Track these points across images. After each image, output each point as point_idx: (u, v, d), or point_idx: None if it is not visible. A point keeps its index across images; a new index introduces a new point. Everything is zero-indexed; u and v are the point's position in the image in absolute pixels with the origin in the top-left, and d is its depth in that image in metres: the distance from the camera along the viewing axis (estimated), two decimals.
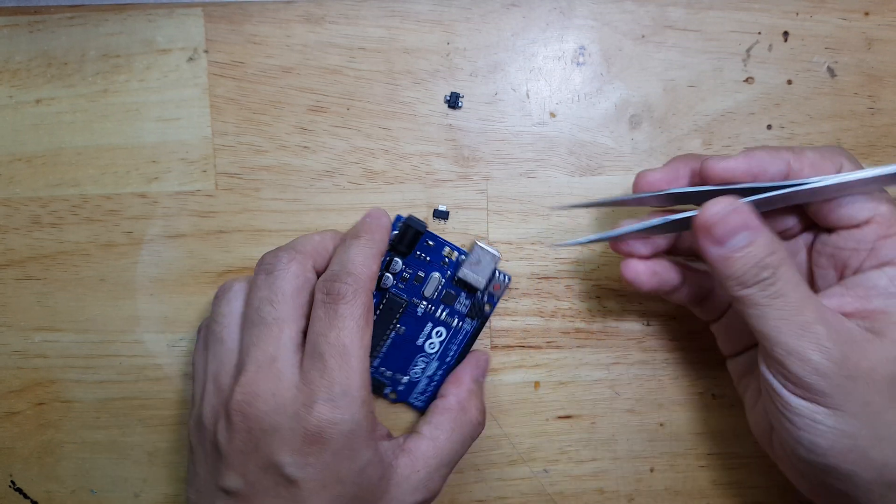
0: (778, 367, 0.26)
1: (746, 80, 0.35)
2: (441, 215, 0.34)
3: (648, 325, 0.35)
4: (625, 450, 0.36)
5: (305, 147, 0.35)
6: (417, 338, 0.34)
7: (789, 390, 0.26)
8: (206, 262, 0.35)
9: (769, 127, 0.35)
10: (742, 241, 0.26)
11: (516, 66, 0.35)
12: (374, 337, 0.32)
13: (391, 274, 0.33)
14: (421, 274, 0.34)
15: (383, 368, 0.34)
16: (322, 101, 0.35)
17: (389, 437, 0.30)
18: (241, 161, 0.35)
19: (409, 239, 0.33)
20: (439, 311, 0.34)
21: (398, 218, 0.34)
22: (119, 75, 0.34)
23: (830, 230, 0.29)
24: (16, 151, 0.35)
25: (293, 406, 0.27)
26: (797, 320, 0.25)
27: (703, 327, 0.35)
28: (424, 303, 0.34)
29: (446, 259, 0.34)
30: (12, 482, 0.36)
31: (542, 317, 0.35)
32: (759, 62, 0.34)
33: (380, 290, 0.33)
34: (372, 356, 0.33)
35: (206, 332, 0.31)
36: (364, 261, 0.29)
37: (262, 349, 0.28)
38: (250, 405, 0.28)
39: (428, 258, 0.34)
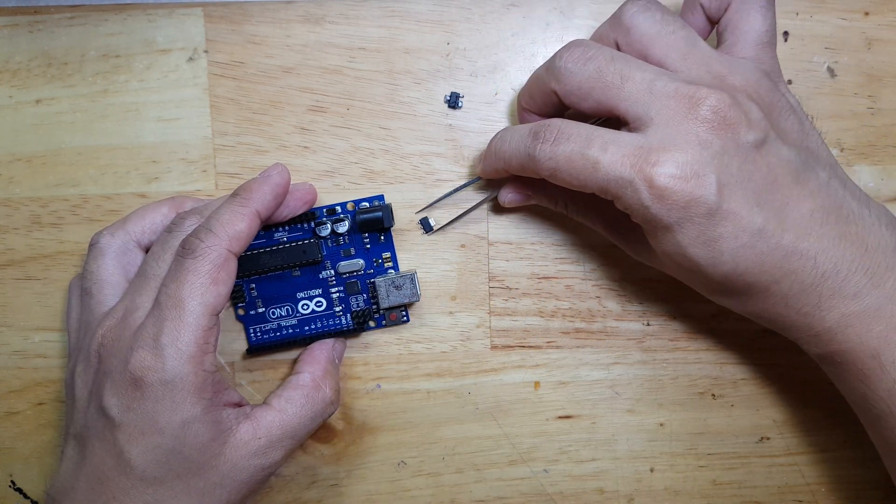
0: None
1: None
2: (426, 227, 0.34)
3: (648, 325, 0.35)
4: (625, 450, 0.36)
5: (305, 147, 0.35)
6: (301, 291, 0.34)
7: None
8: None
9: None
10: (531, 202, 0.33)
11: (516, 66, 0.35)
12: (274, 259, 0.32)
13: (333, 229, 0.33)
14: (352, 251, 0.34)
15: (254, 286, 0.34)
16: (322, 101, 0.35)
17: (240, 405, 0.30)
18: (241, 161, 0.35)
19: (371, 222, 0.33)
20: (336, 289, 0.34)
21: (379, 198, 0.34)
22: (119, 75, 0.34)
23: None
24: (16, 151, 0.35)
25: (124, 350, 0.28)
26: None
27: (704, 327, 0.35)
28: (332, 273, 0.34)
29: (380, 260, 0.34)
30: (12, 482, 0.36)
31: (542, 317, 0.35)
32: None
33: (313, 232, 0.33)
34: (257, 274, 0.33)
35: (77, 286, 0.32)
36: (229, 219, 0.29)
37: (131, 298, 0.29)
38: (103, 346, 0.29)
39: (368, 245, 0.34)
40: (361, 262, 0.34)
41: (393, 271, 0.34)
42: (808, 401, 0.36)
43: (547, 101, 0.30)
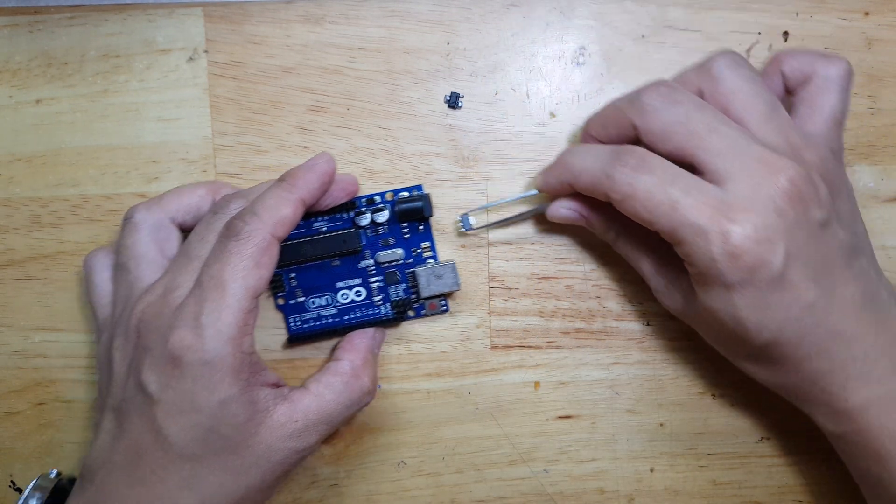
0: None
1: None
2: (466, 225, 0.34)
3: (648, 325, 0.35)
4: (625, 450, 0.36)
5: (305, 147, 0.35)
6: (340, 281, 0.34)
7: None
8: None
9: None
10: (581, 224, 0.33)
11: (516, 66, 0.35)
12: (314, 248, 0.33)
13: (373, 218, 0.33)
14: (391, 240, 0.34)
15: (294, 275, 0.34)
16: (322, 101, 0.35)
17: (277, 386, 0.30)
18: (241, 161, 0.35)
19: (411, 212, 0.33)
20: (375, 279, 0.34)
21: (418, 188, 0.34)
22: (119, 75, 0.34)
23: None
24: (16, 151, 0.35)
25: (164, 328, 0.28)
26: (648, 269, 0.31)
27: None
28: (371, 262, 0.34)
29: (419, 250, 0.34)
30: (12, 482, 0.36)
31: (542, 317, 0.35)
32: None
33: (352, 222, 0.34)
34: (297, 264, 0.33)
35: (99, 261, 0.32)
36: (274, 204, 0.29)
37: (172, 276, 0.29)
38: (143, 322, 0.29)
39: (407, 235, 0.34)
40: (401, 251, 0.34)
41: (432, 261, 0.34)
42: None
43: (622, 133, 0.30)
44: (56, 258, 0.35)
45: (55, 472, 0.31)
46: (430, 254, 0.34)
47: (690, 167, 0.28)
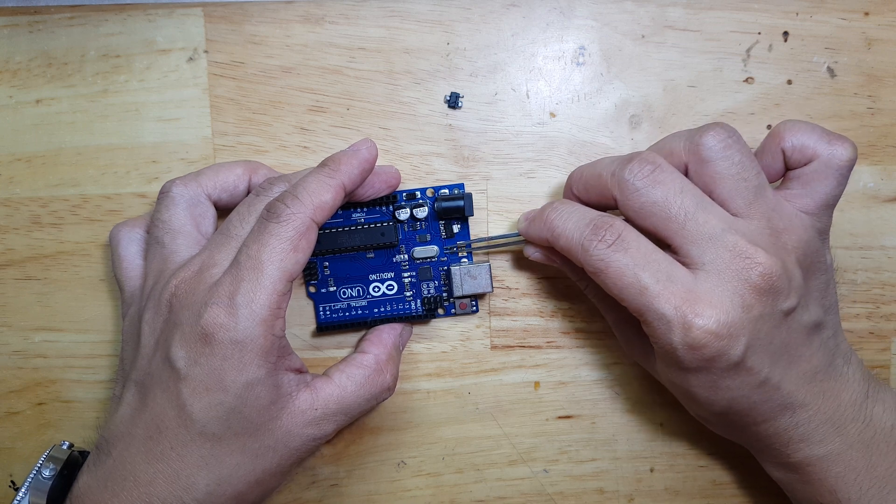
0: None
1: (746, 80, 0.35)
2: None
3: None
4: (625, 450, 0.36)
5: (305, 147, 0.35)
6: (373, 273, 0.34)
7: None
8: None
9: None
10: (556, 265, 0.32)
11: (516, 66, 0.35)
12: (350, 239, 0.33)
13: (412, 213, 0.33)
14: (427, 237, 0.34)
15: (328, 264, 0.34)
16: (322, 101, 0.35)
17: (300, 372, 0.30)
18: None
19: (452, 210, 0.33)
20: (408, 274, 0.34)
21: (459, 186, 0.34)
22: (119, 75, 0.34)
23: None
24: (16, 151, 0.35)
25: (197, 304, 0.28)
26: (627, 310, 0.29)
27: None
28: (405, 257, 0.34)
29: (454, 248, 0.34)
30: (12, 482, 0.36)
31: (542, 317, 0.35)
32: (759, 62, 0.34)
33: (392, 216, 0.34)
34: (331, 253, 0.33)
35: (150, 228, 0.32)
36: (316, 189, 0.29)
37: (210, 254, 0.29)
38: (176, 296, 0.29)
39: (444, 234, 0.34)
40: (436, 248, 0.34)
41: (467, 260, 0.34)
42: None
43: (602, 201, 0.30)
44: (56, 258, 0.35)
45: (67, 443, 0.31)
46: (464, 253, 0.34)
47: (666, 245, 0.29)
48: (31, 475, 0.30)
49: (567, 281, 0.35)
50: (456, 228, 0.34)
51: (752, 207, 0.28)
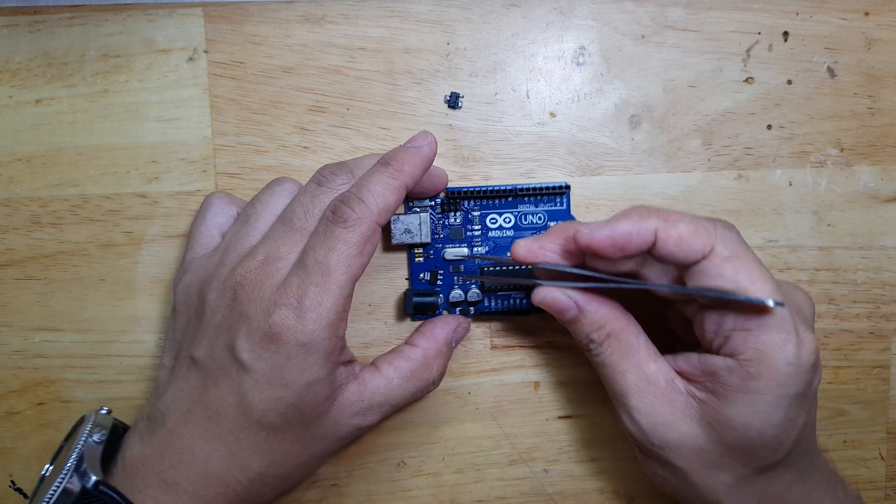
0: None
1: (746, 80, 0.35)
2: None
3: (648, 324, 0.35)
4: (625, 450, 0.36)
5: (305, 147, 0.35)
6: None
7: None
8: None
9: (769, 127, 0.35)
10: (569, 316, 0.30)
11: (516, 66, 0.35)
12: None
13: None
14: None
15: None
16: (322, 101, 0.35)
17: (350, 363, 0.31)
18: (241, 161, 0.35)
19: (425, 306, 0.34)
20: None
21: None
22: (119, 75, 0.34)
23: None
24: (16, 151, 0.35)
25: (267, 302, 0.28)
26: (616, 388, 0.30)
27: None
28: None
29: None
30: (12, 482, 0.36)
31: (542, 317, 0.35)
32: (759, 62, 0.35)
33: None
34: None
35: (245, 206, 0.32)
36: (381, 191, 0.29)
37: (275, 245, 0.29)
38: (242, 286, 0.29)
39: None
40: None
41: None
42: None
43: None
44: (56, 258, 0.35)
45: (105, 409, 0.31)
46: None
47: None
48: (81, 440, 0.29)
49: None
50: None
51: None
